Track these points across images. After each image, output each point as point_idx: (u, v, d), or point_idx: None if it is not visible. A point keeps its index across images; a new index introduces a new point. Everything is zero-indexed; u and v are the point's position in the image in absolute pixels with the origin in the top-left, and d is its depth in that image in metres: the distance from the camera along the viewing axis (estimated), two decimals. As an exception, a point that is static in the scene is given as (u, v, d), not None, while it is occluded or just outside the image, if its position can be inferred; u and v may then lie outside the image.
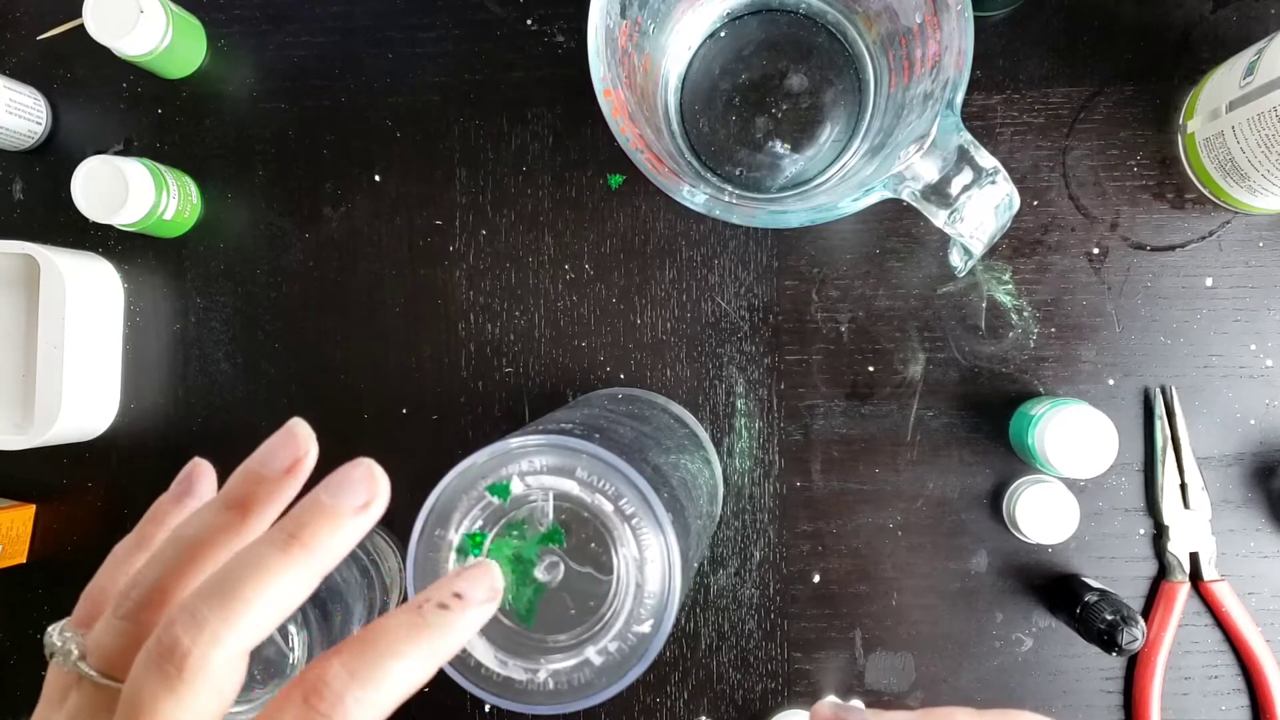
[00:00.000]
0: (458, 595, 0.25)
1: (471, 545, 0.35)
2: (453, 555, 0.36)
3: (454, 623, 0.25)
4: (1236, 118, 0.49)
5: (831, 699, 0.56)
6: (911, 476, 0.57)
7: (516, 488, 0.35)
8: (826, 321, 0.58)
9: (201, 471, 0.30)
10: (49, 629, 0.26)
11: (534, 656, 0.35)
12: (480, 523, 0.36)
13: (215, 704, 0.23)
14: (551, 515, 0.35)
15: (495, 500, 0.36)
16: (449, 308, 0.59)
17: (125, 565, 0.28)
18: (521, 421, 0.59)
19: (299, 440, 0.26)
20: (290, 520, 0.24)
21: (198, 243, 0.61)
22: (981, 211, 0.43)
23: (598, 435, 0.37)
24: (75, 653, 0.25)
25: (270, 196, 0.61)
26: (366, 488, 0.25)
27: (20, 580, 0.61)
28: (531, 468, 0.36)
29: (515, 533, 0.35)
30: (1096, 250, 0.56)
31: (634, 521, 0.35)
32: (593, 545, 0.35)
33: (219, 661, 0.22)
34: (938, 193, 0.42)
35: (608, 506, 0.35)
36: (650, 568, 0.35)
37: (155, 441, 0.61)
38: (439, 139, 0.60)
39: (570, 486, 0.35)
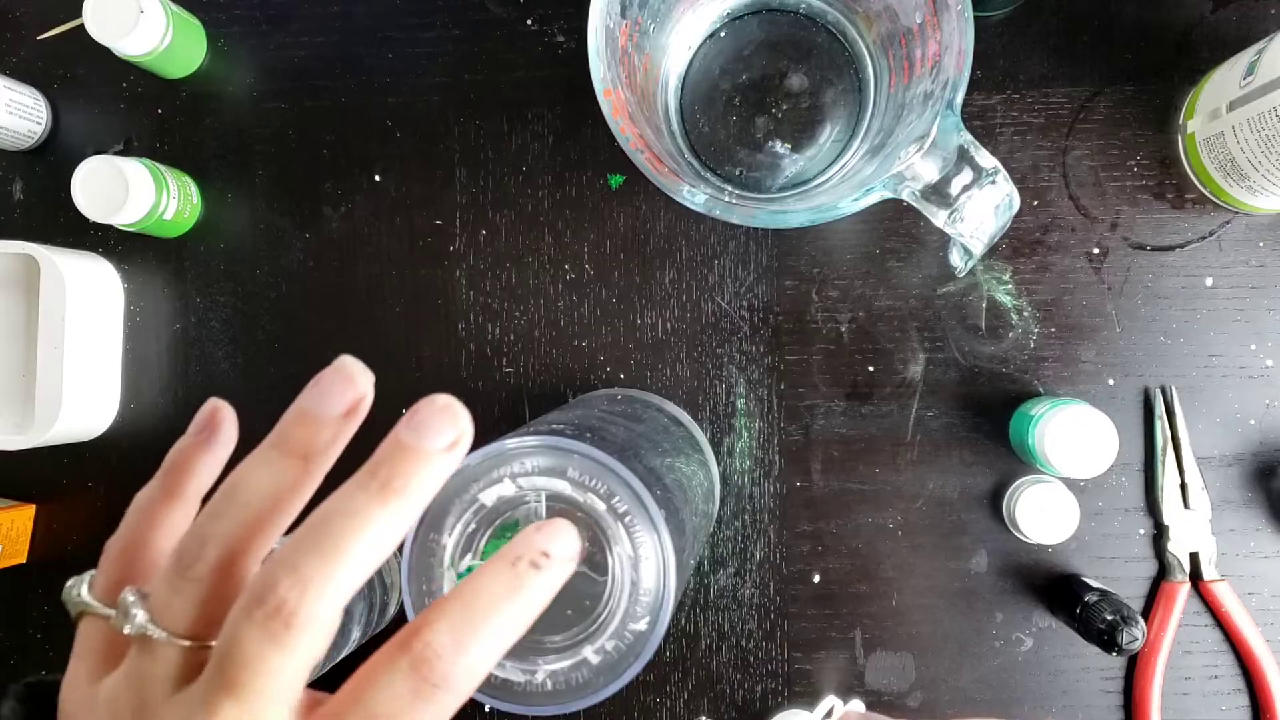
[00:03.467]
0: (546, 555, 0.25)
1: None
2: (447, 561, 0.36)
3: (545, 583, 0.24)
4: (1236, 118, 0.49)
5: (856, 703, 0.56)
6: (911, 476, 0.57)
7: (509, 489, 0.35)
8: (826, 321, 0.58)
9: (224, 416, 0.28)
10: (69, 584, 0.26)
11: (531, 657, 0.35)
12: (473, 525, 0.36)
13: (315, 656, 0.23)
14: (544, 516, 0.35)
15: (487, 503, 0.36)
16: (449, 308, 0.59)
17: (157, 519, 0.27)
18: (521, 422, 0.59)
19: (355, 380, 0.24)
20: (380, 466, 0.23)
21: (198, 243, 0.61)
22: (981, 211, 0.42)
23: (589, 435, 0.37)
24: (142, 615, 0.24)
25: (270, 196, 0.61)
26: (451, 425, 0.24)
27: (20, 580, 0.61)
28: (523, 469, 0.36)
29: (509, 534, 0.35)
30: (1096, 250, 0.56)
31: (627, 520, 0.35)
32: (586, 545, 0.35)
33: (324, 615, 0.22)
34: (938, 193, 0.42)
35: (600, 505, 0.35)
36: (645, 565, 0.35)
37: (155, 441, 0.61)
38: (439, 139, 0.60)
39: (562, 487, 0.35)
